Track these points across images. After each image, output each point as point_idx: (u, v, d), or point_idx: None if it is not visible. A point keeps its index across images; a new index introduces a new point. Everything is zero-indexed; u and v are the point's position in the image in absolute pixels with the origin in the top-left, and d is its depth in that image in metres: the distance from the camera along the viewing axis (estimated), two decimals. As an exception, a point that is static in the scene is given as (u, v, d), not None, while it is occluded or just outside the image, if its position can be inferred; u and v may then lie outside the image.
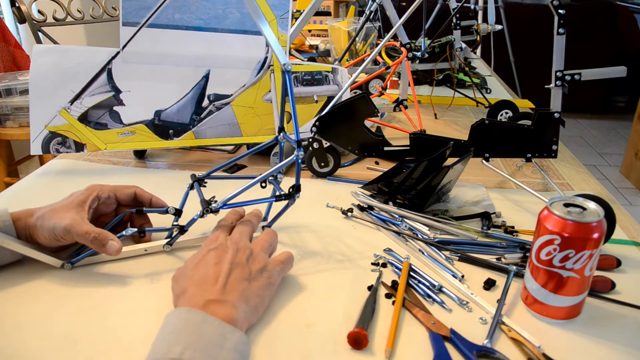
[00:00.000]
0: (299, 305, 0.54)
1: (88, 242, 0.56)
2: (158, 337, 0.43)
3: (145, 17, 0.80)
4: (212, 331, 0.43)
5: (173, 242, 0.62)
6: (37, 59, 0.79)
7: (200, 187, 0.63)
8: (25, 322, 0.51)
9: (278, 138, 0.64)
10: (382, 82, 1.28)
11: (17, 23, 1.95)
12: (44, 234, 0.56)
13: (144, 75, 0.83)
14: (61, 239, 0.56)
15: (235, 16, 0.83)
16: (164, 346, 0.41)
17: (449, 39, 1.37)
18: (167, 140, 0.87)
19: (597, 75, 0.74)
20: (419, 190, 0.70)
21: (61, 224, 0.55)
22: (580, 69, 0.73)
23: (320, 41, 1.90)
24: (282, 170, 0.62)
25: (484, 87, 1.44)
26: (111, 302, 0.54)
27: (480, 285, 0.58)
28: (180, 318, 0.44)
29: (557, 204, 0.51)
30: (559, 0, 0.72)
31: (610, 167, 3.12)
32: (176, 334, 0.42)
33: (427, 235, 0.66)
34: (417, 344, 0.49)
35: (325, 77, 0.94)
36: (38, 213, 0.57)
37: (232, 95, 0.88)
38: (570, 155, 0.99)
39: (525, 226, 0.69)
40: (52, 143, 0.83)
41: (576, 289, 0.50)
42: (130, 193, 0.65)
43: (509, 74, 2.56)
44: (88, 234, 0.56)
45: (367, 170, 0.90)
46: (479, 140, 0.80)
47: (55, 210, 0.58)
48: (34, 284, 0.57)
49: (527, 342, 0.48)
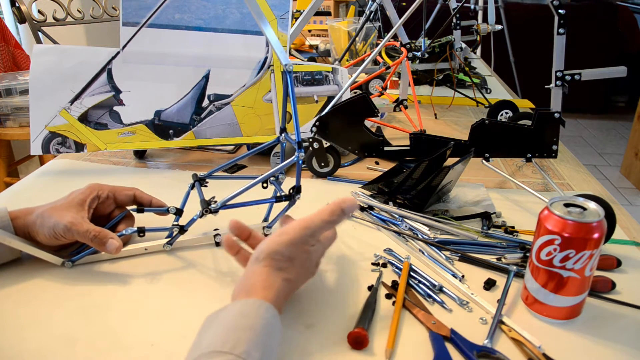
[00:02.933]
0: (299, 305, 0.54)
1: (88, 240, 0.56)
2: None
3: (145, 17, 0.80)
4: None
5: (173, 241, 0.62)
6: (37, 59, 0.79)
7: (202, 187, 0.63)
8: (24, 322, 0.51)
9: (279, 139, 0.64)
10: (382, 82, 1.28)
11: (17, 23, 1.95)
12: (44, 233, 0.56)
13: (144, 75, 0.83)
14: (61, 237, 0.56)
15: (235, 16, 0.83)
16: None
17: (449, 39, 1.37)
18: (167, 140, 0.87)
19: (597, 75, 0.74)
20: (419, 190, 0.70)
21: (62, 222, 0.55)
22: (580, 69, 0.73)
23: (320, 41, 1.89)
24: (283, 171, 0.62)
25: (484, 87, 1.44)
26: (111, 301, 0.54)
27: (480, 285, 0.57)
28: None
29: (557, 204, 0.51)
30: (559, 0, 0.72)
31: (610, 167, 3.12)
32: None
33: (427, 235, 0.66)
34: (418, 344, 0.49)
35: (325, 77, 0.94)
36: (37, 212, 0.57)
37: (232, 95, 0.88)
38: (570, 155, 0.99)
39: (526, 226, 0.69)
40: (52, 143, 0.83)
41: (576, 289, 0.50)
42: (130, 195, 0.65)
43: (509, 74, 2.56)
44: (88, 232, 0.56)
45: (367, 170, 0.90)
46: (479, 140, 0.80)
47: (55, 208, 0.58)
48: (33, 282, 0.57)
49: (528, 342, 0.48)
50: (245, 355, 0.38)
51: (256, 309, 0.43)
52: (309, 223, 0.50)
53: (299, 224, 0.50)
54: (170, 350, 0.48)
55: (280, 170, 0.61)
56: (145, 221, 0.64)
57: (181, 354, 0.41)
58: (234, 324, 0.41)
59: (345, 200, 0.51)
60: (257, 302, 0.44)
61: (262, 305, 0.44)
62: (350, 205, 0.51)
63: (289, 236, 0.49)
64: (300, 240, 0.49)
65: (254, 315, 0.42)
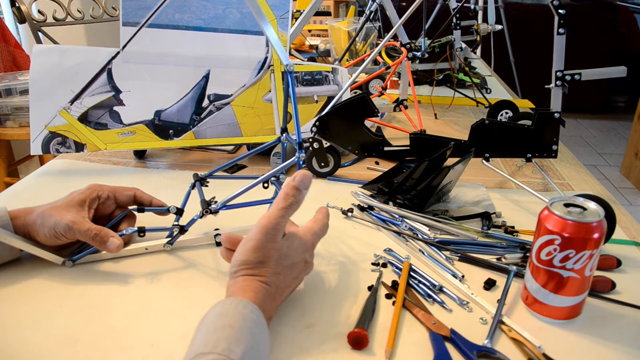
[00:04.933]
0: (299, 305, 0.54)
1: (89, 239, 0.57)
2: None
3: (145, 17, 0.80)
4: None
5: (174, 241, 0.62)
6: (37, 59, 0.79)
7: (203, 187, 0.63)
8: (25, 321, 0.51)
9: (280, 139, 0.64)
10: (382, 82, 1.28)
11: (17, 23, 1.96)
12: (44, 232, 0.56)
13: (144, 75, 0.83)
14: (62, 236, 0.56)
15: (235, 16, 0.83)
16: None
17: (449, 39, 1.37)
18: (167, 140, 0.87)
19: (597, 75, 0.74)
20: (419, 190, 0.70)
21: (63, 221, 0.56)
22: (580, 69, 0.73)
23: (320, 41, 1.90)
24: (284, 171, 0.62)
25: (484, 87, 1.44)
26: (111, 301, 0.54)
27: (480, 285, 0.58)
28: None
29: (557, 204, 0.51)
30: (559, 0, 0.72)
31: (610, 167, 3.12)
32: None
33: (428, 236, 0.66)
34: (418, 344, 0.49)
35: (325, 77, 0.94)
36: (37, 211, 0.57)
37: (232, 95, 0.88)
38: (570, 155, 0.99)
39: (526, 226, 0.69)
40: (52, 143, 0.83)
41: (576, 289, 0.50)
42: (130, 195, 0.65)
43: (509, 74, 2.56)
44: (89, 231, 0.56)
45: (367, 170, 0.90)
46: (479, 140, 0.80)
47: (55, 208, 0.58)
48: (33, 282, 0.57)
49: (528, 342, 0.48)
50: (227, 352, 0.38)
51: (234, 307, 0.44)
52: (267, 221, 0.49)
53: (258, 226, 0.49)
54: (170, 350, 0.48)
55: (281, 170, 0.61)
56: (146, 221, 0.64)
57: (181, 354, 0.41)
58: (214, 325, 0.42)
59: (294, 177, 0.50)
60: (235, 301, 0.44)
61: (240, 302, 0.44)
62: (302, 178, 0.49)
63: (253, 242, 0.49)
64: (265, 241, 0.49)
65: (232, 313, 0.43)
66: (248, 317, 0.43)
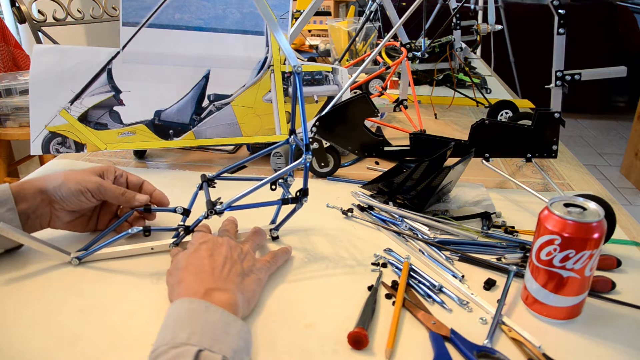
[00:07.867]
0: (299, 305, 0.54)
1: (119, 195, 0.63)
2: (163, 327, 0.44)
3: (145, 17, 0.80)
4: (216, 319, 0.44)
5: (179, 241, 0.62)
6: (37, 59, 0.79)
7: (210, 188, 0.63)
8: (26, 321, 0.51)
9: (289, 140, 0.64)
10: (382, 82, 1.28)
11: (17, 23, 1.95)
12: (70, 201, 0.60)
13: (144, 75, 0.83)
14: (91, 198, 0.61)
15: (235, 16, 0.83)
16: (170, 333, 0.42)
17: (449, 39, 1.37)
18: (167, 140, 0.87)
19: (597, 75, 0.74)
20: (420, 190, 0.70)
21: (92, 182, 0.60)
22: (580, 69, 0.73)
23: (320, 41, 1.90)
24: (291, 173, 0.62)
25: (484, 87, 1.44)
26: (114, 301, 0.54)
27: (480, 285, 0.58)
28: (184, 307, 0.45)
29: (557, 204, 0.51)
30: (559, 0, 0.72)
31: (610, 167, 3.12)
32: (181, 322, 0.43)
33: (427, 236, 0.66)
34: (417, 344, 0.49)
35: (325, 77, 0.94)
36: (51, 184, 0.59)
37: (232, 95, 0.88)
38: (570, 155, 0.99)
39: (526, 226, 0.69)
40: (52, 143, 0.83)
41: (576, 289, 0.50)
42: (139, 181, 0.68)
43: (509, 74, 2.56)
44: (118, 189, 0.63)
45: (367, 170, 0.90)
46: (479, 140, 0.80)
47: (77, 174, 0.61)
48: (35, 282, 0.57)
49: (527, 342, 0.48)
50: (182, 340, 0.41)
51: (175, 306, 0.46)
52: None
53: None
54: (170, 350, 0.47)
55: (289, 171, 0.61)
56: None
57: (181, 354, 0.41)
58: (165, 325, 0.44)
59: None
60: (178, 302, 0.46)
61: (178, 301, 0.46)
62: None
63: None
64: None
65: (171, 312, 0.45)
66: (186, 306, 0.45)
